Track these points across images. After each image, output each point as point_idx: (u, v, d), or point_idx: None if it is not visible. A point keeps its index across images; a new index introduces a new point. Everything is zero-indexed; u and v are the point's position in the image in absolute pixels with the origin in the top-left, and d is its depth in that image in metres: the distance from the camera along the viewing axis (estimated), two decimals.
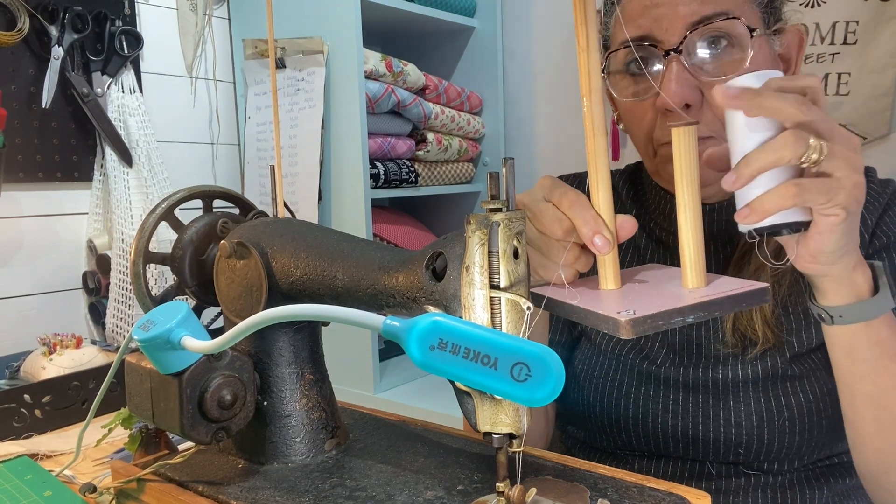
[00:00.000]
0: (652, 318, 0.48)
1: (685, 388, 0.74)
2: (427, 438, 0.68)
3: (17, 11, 1.19)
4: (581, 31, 0.55)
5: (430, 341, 0.42)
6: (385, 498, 0.55)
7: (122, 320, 1.29)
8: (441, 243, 0.51)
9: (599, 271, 0.57)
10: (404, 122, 1.55)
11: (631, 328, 0.48)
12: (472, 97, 1.72)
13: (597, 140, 0.56)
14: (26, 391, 0.94)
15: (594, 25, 0.55)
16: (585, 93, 0.56)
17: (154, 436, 0.69)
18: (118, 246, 1.30)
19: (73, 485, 0.71)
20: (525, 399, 0.41)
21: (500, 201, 0.48)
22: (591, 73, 0.56)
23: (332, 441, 0.66)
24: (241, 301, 0.63)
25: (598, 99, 0.56)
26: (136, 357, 0.61)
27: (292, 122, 1.47)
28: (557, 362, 0.41)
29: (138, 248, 0.67)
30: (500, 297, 0.47)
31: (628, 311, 0.49)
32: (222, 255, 0.64)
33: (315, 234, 0.62)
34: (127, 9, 1.36)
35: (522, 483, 0.50)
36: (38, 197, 1.28)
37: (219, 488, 0.59)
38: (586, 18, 0.55)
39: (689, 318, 0.49)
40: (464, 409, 0.50)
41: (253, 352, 0.64)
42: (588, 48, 0.55)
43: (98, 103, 1.30)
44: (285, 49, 1.45)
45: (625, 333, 0.48)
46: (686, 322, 0.50)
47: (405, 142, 1.56)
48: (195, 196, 0.71)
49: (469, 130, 1.71)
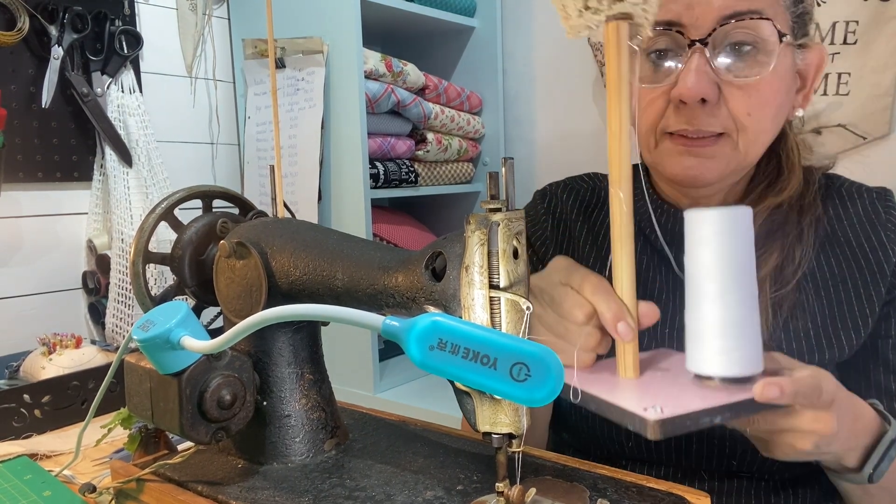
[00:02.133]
0: (680, 419, 0.47)
1: None
2: (427, 438, 0.68)
3: (17, 11, 1.19)
4: (615, 115, 0.54)
5: (430, 341, 0.42)
6: (384, 498, 0.55)
7: (121, 320, 1.29)
8: (441, 243, 0.51)
9: (619, 359, 0.56)
10: (404, 122, 1.55)
11: (659, 429, 0.47)
12: (472, 97, 1.72)
13: (623, 228, 0.55)
14: (26, 391, 0.94)
15: (627, 110, 0.54)
16: (615, 181, 0.55)
17: (153, 436, 0.69)
18: (118, 246, 1.30)
19: (72, 485, 0.71)
20: (524, 399, 0.41)
21: (499, 201, 0.48)
22: (622, 160, 0.54)
23: (331, 441, 0.66)
24: (241, 301, 0.63)
25: (628, 187, 0.55)
26: (135, 357, 0.61)
27: (292, 122, 1.47)
28: (557, 362, 0.41)
29: (138, 247, 0.67)
30: (499, 296, 0.47)
31: (655, 409, 0.48)
32: (222, 255, 0.64)
33: (315, 234, 0.62)
34: (127, 9, 1.36)
35: (522, 483, 0.50)
36: (38, 197, 1.28)
37: (218, 488, 0.59)
38: (620, 103, 0.54)
39: (717, 419, 0.49)
40: (463, 409, 0.50)
41: (252, 352, 0.64)
42: (620, 134, 0.54)
43: (98, 103, 1.30)
44: (285, 49, 1.45)
45: (652, 434, 0.47)
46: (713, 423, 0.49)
47: (405, 142, 1.56)
48: (195, 196, 0.71)
49: (469, 130, 1.71)
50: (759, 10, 0.64)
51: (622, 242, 0.55)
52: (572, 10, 0.55)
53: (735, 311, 0.52)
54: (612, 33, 0.54)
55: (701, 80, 0.64)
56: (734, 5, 0.64)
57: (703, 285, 0.53)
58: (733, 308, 0.52)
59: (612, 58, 0.54)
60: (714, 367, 0.52)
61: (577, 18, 0.55)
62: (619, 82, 0.54)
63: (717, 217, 0.53)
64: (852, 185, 0.77)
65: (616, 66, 0.54)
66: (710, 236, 0.53)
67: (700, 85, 0.64)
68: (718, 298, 0.53)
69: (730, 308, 0.52)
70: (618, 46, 0.54)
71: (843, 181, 0.78)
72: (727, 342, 0.52)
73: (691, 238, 0.55)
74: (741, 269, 0.53)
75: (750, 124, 0.66)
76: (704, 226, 0.53)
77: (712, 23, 0.64)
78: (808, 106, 0.73)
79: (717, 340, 0.52)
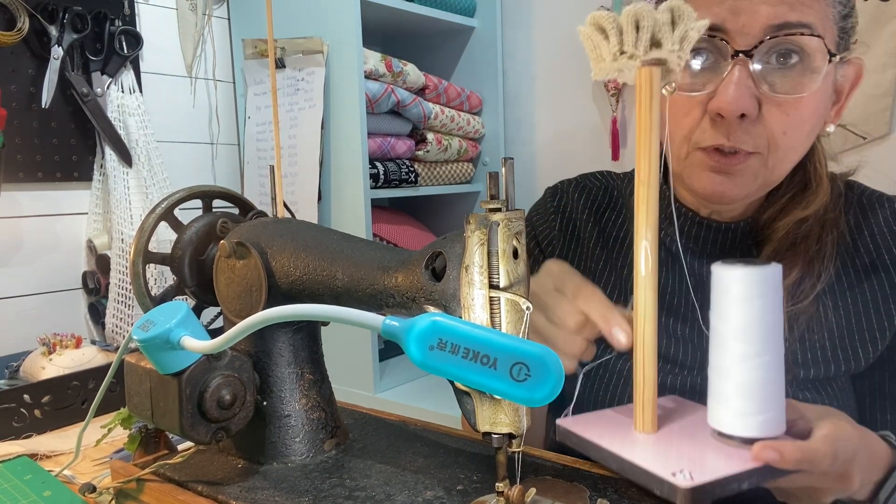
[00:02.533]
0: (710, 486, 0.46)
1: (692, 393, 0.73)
2: (427, 438, 0.68)
3: (17, 11, 1.19)
4: (644, 161, 0.53)
5: (430, 341, 0.42)
6: (384, 498, 0.55)
7: (121, 320, 1.29)
8: (440, 243, 0.51)
9: (636, 412, 0.55)
10: (404, 122, 1.55)
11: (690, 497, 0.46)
12: (472, 97, 1.72)
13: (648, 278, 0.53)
14: (26, 391, 0.94)
15: (658, 157, 0.53)
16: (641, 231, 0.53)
17: (153, 436, 0.69)
18: (118, 246, 1.30)
19: (72, 485, 0.71)
20: (524, 399, 0.41)
21: (499, 201, 0.48)
22: (649, 208, 0.53)
23: (331, 441, 0.66)
24: (241, 301, 0.63)
25: (654, 238, 0.53)
26: (135, 357, 0.61)
27: (292, 122, 1.47)
28: (557, 362, 0.41)
29: (138, 248, 0.67)
30: (499, 296, 0.47)
31: (684, 474, 0.47)
32: (222, 255, 0.64)
33: (315, 234, 0.62)
34: (126, 9, 1.36)
35: (522, 483, 0.50)
36: (38, 197, 1.28)
37: (218, 488, 0.59)
38: (651, 149, 0.53)
39: (745, 485, 0.48)
40: (463, 409, 0.50)
41: (252, 352, 0.64)
42: (650, 181, 0.53)
43: (98, 103, 1.30)
44: (285, 49, 1.45)
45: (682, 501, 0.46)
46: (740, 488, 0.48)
47: (405, 142, 1.56)
48: (195, 196, 0.71)
49: (469, 130, 1.71)
50: (810, 25, 0.60)
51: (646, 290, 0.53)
52: (606, 53, 0.53)
53: (761, 373, 0.51)
54: (645, 79, 0.52)
55: (742, 94, 0.61)
56: (784, 15, 0.60)
57: (730, 344, 0.52)
58: (760, 370, 0.51)
59: (645, 103, 0.53)
60: (736, 428, 0.51)
61: (610, 62, 0.53)
62: (650, 128, 0.53)
63: (746, 276, 0.51)
64: (872, 193, 0.75)
65: (648, 112, 0.53)
66: (738, 296, 0.51)
67: (741, 100, 0.60)
68: (745, 360, 0.51)
69: (757, 370, 0.51)
70: (651, 92, 0.52)
71: (864, 189, 0.76)
72: (751, 404, 0.51)
73: (718, 294, 0.53)
74: (770, 330, 0.51)
75: (783, 143, 0.63)
76: (732, 284, 0.51)
77: (759, 34, 0.61)
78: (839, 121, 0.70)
79: (741, 401, 0.51)
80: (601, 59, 0.53)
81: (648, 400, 0.55)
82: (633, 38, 0.51)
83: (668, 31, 0.51)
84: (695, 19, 0.51)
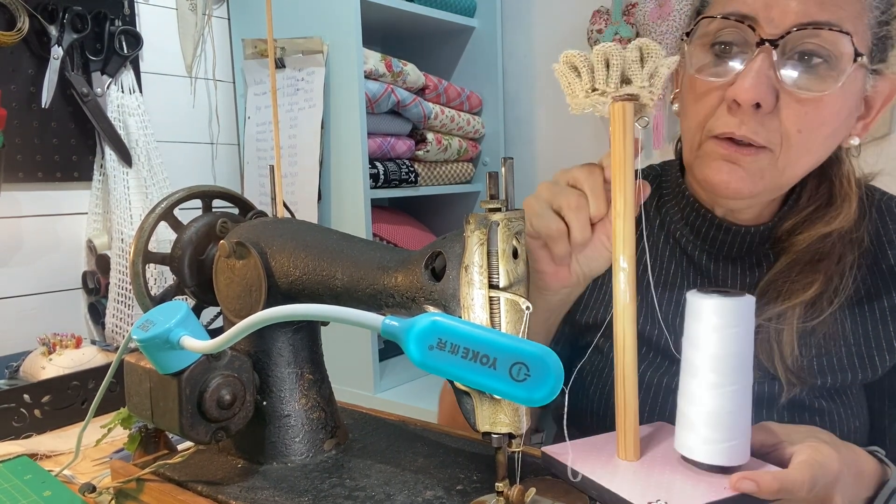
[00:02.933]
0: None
1: None
2: (426, 438, 0.68)
3: (17, 11, 1.19)
4: (619, 195, 0.55)
5: (430, 341, 0.42)
6: (384, 498, 0.55)
7: (121, 320, 1.29)
8: (440, 243, 0.51)
9: (619, 440, 0.56)
10: (404, 122, 1.55)
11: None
12: (472, 97, 1.72)
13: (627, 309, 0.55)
14: (26, 391, 0.94)
15: (632, 190, 0.55)
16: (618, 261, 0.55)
17: (153, 436, 0.69)
18: (118, 246, 1.30)
19: (72, 485, 0.71)
20: (524, 399, 0.41)
21: (499, 201, 0.48)
22: (626, 240, 0.55)
23: (331, 441, 0.66)
24: (241, 301, 0.63)
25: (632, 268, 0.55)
26: (135, 357, 0.61)
27: (292, 122, 1.47)
28: (556, 362, 0.41)
29: (138, 247, 0.67)
30: (499, 296, 0.47)
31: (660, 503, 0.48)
32: (222, 255, 0.64)
33: (314, 233, 0.62)
34: (126, 9, 1.36)
35: (522, 483, 0.50)
36: (38, 197, 1.28)
37: (218, 488, 0.59)
38: (626, 182, 0.54)
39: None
40: (463, 408, 0.50)
41: (252, 352, 0.64)
42: (625, 214, 0.55)
43: (98, 103, 1.30)
44: (285, 49, 1.45)
45: None
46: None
47: (405, 142, 1.56)
48: (194, 196, 0.71)
49: (469, 130, 1.71)
50: (839, 24, 0.60)
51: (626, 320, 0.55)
52: (578, 90, 0.55)
53: (729, 403, 0.52)
54: (618, 114, 0.54)
55: (760, 83, 0.60)
56: (814, 13, 0.60)
57: (699, 372, 0.53)
58: (728, 399, 0.52)
59: (618, 138, 0.54)
60: (701, 455, 0.53)
61: (583, 98, 0.55)
62: (623, 163, 0.54)
63: (718, 307, 0.52)
64: (891, 199, 0.74)
65: (621, 147, 0.54)
66: (709, 326, 0.52)
67: (758, 89, 0.60)
68: (713, 388, 0.52)
69: (724, 399, 0.52)
70: (623, 126, 0.54)
71: (882, 194, 0.75)
72: (717, 433, 0.52)
73: (691, 321, 0.54)
74: (739, 362, 0.52)
75: (796, 142, 0.63)
76: (704, 314, 0.53)
77: (787, 26, 0.60)
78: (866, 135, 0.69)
79: (707, 430, 0.53)
80: (575, 96, 0.56)
81: (630, 427, 0.56)
82: (605, 75, 0.54)
83: (637, 68, 0.53)
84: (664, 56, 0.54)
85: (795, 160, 0.64)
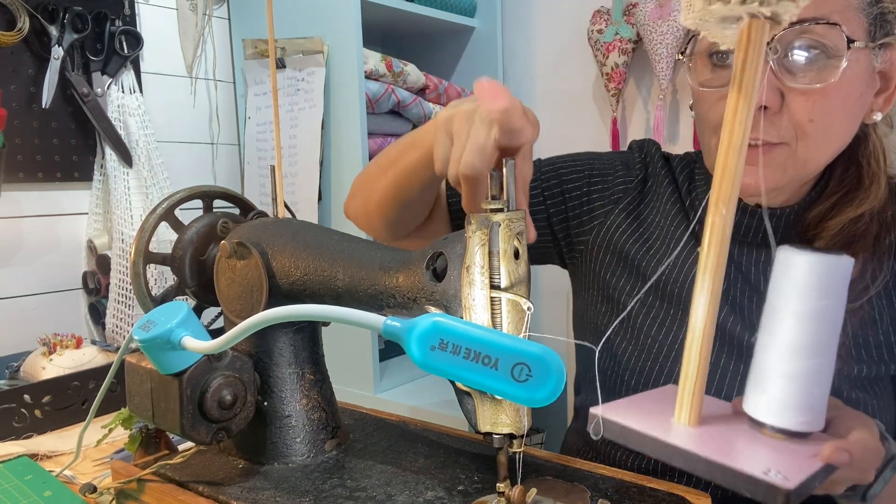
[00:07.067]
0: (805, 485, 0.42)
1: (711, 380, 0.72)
2: (427, 438, 0.68)
3: (17, 11, 1.19)
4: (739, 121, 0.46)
5: (431, 342, 0.42)
6: (385, 498, 0.55)
7: (122, 320, 1.29)
8: (441, 244, 0.51)
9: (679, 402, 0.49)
10: (404, 123, 1.55)
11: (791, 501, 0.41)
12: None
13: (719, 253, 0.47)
14: (26, 391, 0.94)
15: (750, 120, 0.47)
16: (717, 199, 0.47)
17: (154, 436, 0.69)
18: (118, 246, 1.30)
19: (73, 485, 0.71)
20: (525, 399, 0.41)
21: (500, 201, 0.48)
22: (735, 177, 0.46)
23: (332, 441, 0.66)
24: (242, 301, 0.63)
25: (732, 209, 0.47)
26: (136, 357, 0.61)
27: (292, 122, 1.47)
28: (558, 362, 0.41)
29: (138, 248, 0.67)
30: (500, 297, 0.47)
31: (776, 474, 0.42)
32: (222, 256, 0.64)
33: (315, 234, 0.62)
34: (127, 9, 1.36)
35: (523, 483, 0.50)
36: (38, 197, 1.28)
37: (219, 488, 0.59)
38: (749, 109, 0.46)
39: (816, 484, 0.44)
40: (464, 409, 0.50)
41: (253, 352, 0.64)
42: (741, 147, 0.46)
43: (98, 103, 1.30)
44: (285, 49, 1.45)
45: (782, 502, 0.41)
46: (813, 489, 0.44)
47: None
48: (195, 196, 0.71)
49: None
50: (825, 17, 0.61)
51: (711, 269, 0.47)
52: None
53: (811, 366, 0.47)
54: (756, 34, 0.45)
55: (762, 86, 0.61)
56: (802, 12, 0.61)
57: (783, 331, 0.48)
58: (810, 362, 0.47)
59: (752, 59, 0.46)
60: (774, 418, 0.48)
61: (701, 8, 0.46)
62: (752, 86, 0.46)
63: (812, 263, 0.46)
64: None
65: (753, 70, 0.46)
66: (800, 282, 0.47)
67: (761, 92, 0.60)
68: (797, 350, 0.47)
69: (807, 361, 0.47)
70: (757, 50, 0.46)
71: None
72: (794, 397, 0.47)
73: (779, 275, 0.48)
74: (829, 326, 0.47)
75: (812, 131, 0.63)
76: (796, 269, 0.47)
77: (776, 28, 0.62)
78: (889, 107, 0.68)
79: (784, 393, 0.48)
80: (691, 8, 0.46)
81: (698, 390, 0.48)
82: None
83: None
84: None
85: (815, 149, 0.64)
